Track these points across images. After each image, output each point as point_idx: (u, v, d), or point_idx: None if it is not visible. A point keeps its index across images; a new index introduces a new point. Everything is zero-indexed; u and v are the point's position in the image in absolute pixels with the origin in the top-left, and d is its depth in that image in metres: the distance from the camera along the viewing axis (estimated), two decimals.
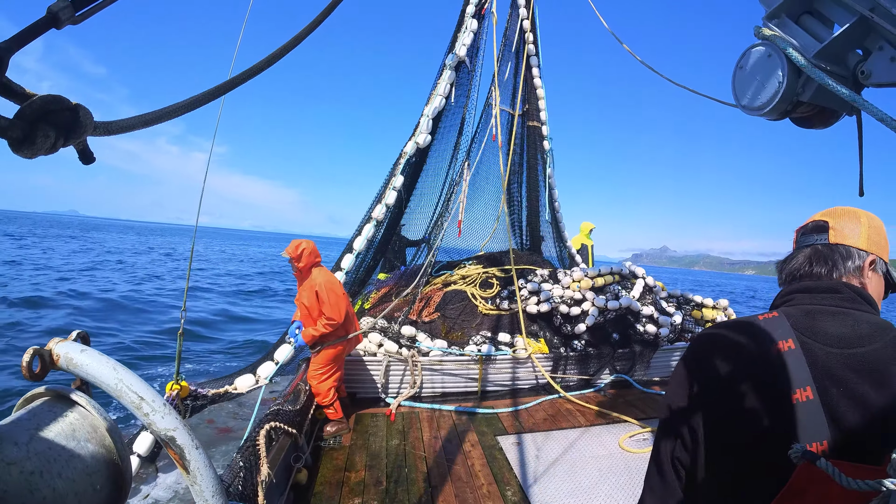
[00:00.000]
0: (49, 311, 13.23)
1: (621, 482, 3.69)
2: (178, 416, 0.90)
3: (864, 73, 1.37)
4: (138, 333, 11.68)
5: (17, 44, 0.63)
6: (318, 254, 4.28)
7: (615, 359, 5.97)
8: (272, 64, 1.14)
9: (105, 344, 10.28)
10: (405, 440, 4.31)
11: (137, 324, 12.76)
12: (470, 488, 3.55)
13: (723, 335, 1.11)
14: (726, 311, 6.97)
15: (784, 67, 1.52)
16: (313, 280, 4.15)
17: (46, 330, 10.98)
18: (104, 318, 13.07)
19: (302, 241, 4.18)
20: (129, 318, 13.42)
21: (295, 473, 3.47)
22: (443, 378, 5.43)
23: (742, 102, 1.75)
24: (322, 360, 4.25)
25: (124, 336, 11.29)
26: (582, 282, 6.58)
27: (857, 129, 1.53)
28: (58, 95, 0.65)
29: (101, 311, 13.99)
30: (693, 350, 1.15)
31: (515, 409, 5.07)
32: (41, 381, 0.76)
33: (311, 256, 4.17)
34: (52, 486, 0.59)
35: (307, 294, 4.17)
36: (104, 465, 0.70)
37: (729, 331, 1.11)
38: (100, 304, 14.72)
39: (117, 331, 11.76)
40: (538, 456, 4.08)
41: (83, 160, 0.74)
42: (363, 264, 6.78)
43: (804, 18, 1.54)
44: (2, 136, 0.59)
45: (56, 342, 0.80)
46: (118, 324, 12.53)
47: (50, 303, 14.18)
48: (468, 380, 5.49)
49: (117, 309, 14.39)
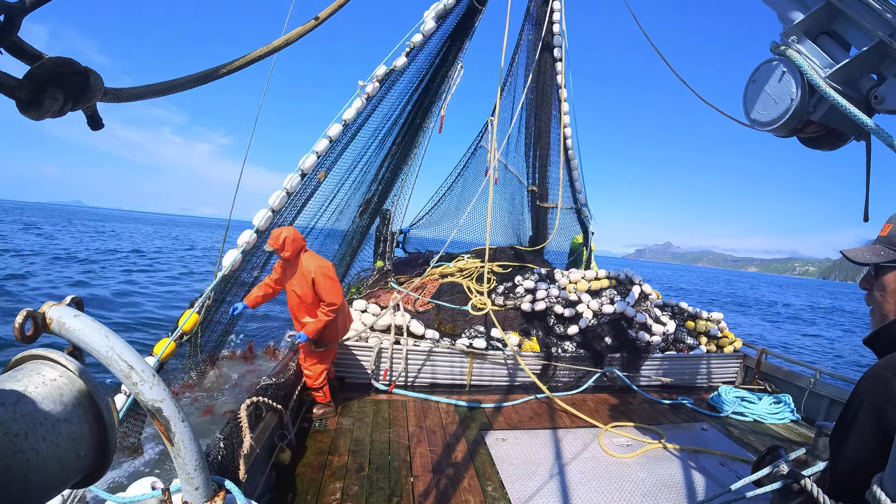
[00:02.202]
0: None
1: (602, 486, 3.71)
2: (167, 387, 0.91)
3: (878, 98, 1.36)
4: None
5: (31, 5, 0.62)
6: (302, 238, 4.19)
7: (605, 362, 5.99)
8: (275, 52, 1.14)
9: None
10: (390, 428, 4.33)
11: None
12: (451, 481, 3.57)
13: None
14: (720, 325, 6.99)
15: (798, 85, 1.52)
16: (305, 268, 4.10)
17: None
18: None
19: (282, 229, 4.11)
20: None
21: (278, 452, 3.49)
22: (432, 369, 5.45)
23: (752, 116, 1.74)
24: (324, 343, 4.30)
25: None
26: (578, 283, 6.58)
27: (865, 154, 1.53)
28: (68, 58, 0.64)
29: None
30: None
31: (502, 405, 5.09)
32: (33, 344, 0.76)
33: (295, 244, 4.08)
34: (35, 449, 0.59)
35: (299, 282, 4.12)
36: (89, 432, 0.70)
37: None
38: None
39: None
40: (521, 453, 4.10)
41: (91, 126, 0.73)
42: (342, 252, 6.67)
43: (822, 38, 1.54)
44: (9, 95, 0.59)
45: (50, 305, 0.80)
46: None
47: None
48: (457, 372, 5.51)
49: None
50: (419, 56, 6.11)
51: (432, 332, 5.58)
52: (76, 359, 0.76)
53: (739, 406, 5.54)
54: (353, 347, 5.15)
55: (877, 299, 1.29)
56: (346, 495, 3.28)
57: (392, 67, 5.60)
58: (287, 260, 4.14)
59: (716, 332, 6.85)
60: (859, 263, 1.31)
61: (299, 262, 4.12)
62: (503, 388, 5.55)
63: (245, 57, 1.02)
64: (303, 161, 5.07)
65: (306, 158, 5.08)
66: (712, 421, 5.31)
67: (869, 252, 1.31)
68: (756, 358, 6.64)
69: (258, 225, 4.59)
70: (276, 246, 3.99)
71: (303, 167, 5.03)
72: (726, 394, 5.77)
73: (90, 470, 0.71)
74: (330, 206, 6.30)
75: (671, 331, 6.47)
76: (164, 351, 3.75)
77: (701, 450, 4.46)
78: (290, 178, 4.98)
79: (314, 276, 4.05)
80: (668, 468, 4.08)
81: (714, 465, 4.22)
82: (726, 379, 6.74)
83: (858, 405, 1.11)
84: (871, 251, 1.31)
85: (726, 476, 4.04)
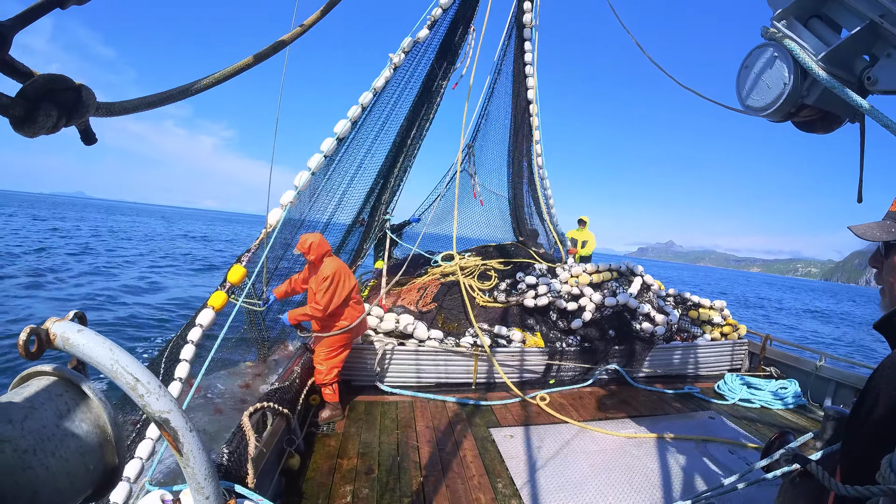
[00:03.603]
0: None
1: (612, 477, 3.71)
2: (173, 398, 0.91)
3: (871, 79, 1.36)
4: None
5: (21, 22, 0.62)
6: (326, 244, 4.54)
7: (610, 355, 5.99)
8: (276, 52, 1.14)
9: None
10: (398, 429, 4.33)
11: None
12: (461, 479, 3.58)
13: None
14: (723, 313, 6.99)
15: (790, 69, 1.52)
16: (322, 270, 4.39)
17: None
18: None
19: (309, 235, 4.48)
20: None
21: (287, 458, 3.49)
22: (437, 368, 5.45)
23: (746, 102, 1.74)
24: (333, 341, 4.43)
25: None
26: (580, 277, 6.59)
27: (859, 136, 1.53)
28: (61, 75, 0.64)
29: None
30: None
31: (509, 402, 5.10)
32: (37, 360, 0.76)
33: (320, 248, 4.43)
34: (45, 465, 0.60)
35: (316, 282, 4.43)
36: (98, 446, 0.71)
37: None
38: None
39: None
40: (530, 449, 4.10)
41: (85, 141, 0.74)
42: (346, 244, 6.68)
43: (812, 22, 1.54)
44: (3, 114, 0.59)
45: (53, 321, 0.80)
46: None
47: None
48: (463, 371, 5.51)
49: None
50: (439, 30, 6.38)
51: (436, 332, 5.59)
52: (80, 372, 0.76)
53: (746, 393, 5.55)
54: (358, 350, 5.15)
55: (887, 280, 1.21)
56: (356, 498, 3.29)
57: (416, 39, 5.94)
58: (312, 263, 4.51)
59: (719, 321, 6.85)
60: (868, 240, 1.22)
61: (321, 264, 4.43)
62: (509, 385, 5.56)
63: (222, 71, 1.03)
64: (339, 128, 5.39)
65: (343, 125, 5.39)
66: (719, 409, 5.32)
67: (878, 229, 1.22)
68: (760, 344, 6.64)
69: (300, 186, 4.93)
70: (303, 250, 4.41)
71: (339, 134, 5.36)
72: (732, 381, 5.77)
73: (100, 483, 0.72)
74: (355, 179, 6.43)
75: (674, 320, 6.47)
76: (218, 301, 3.97)
77: (709, 438, 4.46)
78: (328, 142, 5.26)
79: (322, 276, 4.34)
80: (678, 458, 4.08)
81: (723, 453, 4.22)
82: (732, 366, 6.75)
83: (875, 398, 1.05)
84: (881, 228, 1.22)
85: (736, 463, 4.04)
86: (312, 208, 5.71)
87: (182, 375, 3.43)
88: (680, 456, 4.11)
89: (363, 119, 5.76)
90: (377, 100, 5.84)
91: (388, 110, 6.32)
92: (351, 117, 5.44)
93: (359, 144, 6.01)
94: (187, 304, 13.21)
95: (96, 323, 10.40)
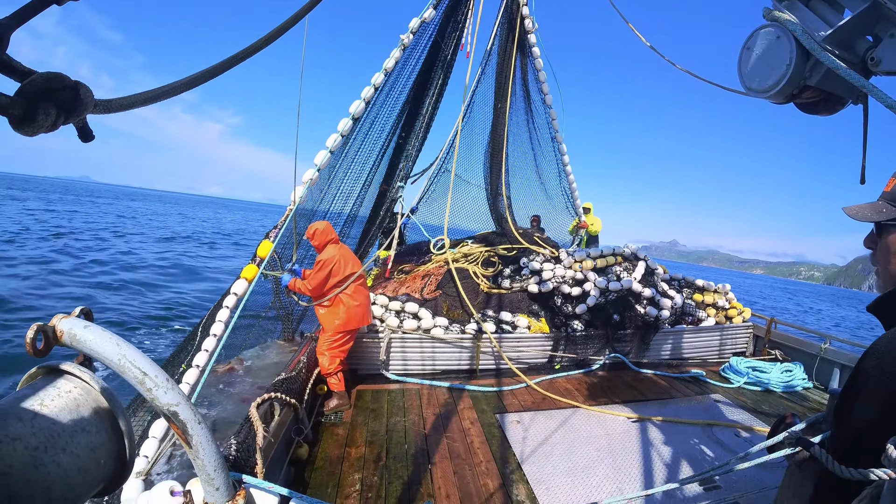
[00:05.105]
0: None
1: (618, 461, 3.74)
2: (181, 391, 0.92)
3: (874, 60, 1.35)
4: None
5: (18, 20, 0.62)
6: (332, 231, 4.69)
7: (615, 340, 6.00)
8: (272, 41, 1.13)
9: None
10: (405, 416, 4.36)
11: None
12: (468, 465, 3.61)
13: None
14: (727, 296, 6.98)
15: (793, 50, 1.50)
16: (320, 255, 4.54)
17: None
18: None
19: (317, 223, 4.66)
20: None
21: (295, 447, 3.53)
22: (443, 355, 5.47)
23: (748, 84, 1.72)
24: (335, 329, 4.48)
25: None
26: (584, 262, 6.58)
27: (862, 118, 1.51)
28: (58, 73, 0.64)
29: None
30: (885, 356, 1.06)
31: (515, 387, 5.12)
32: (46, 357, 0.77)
33: (324, 235, 4.59)
34: (56, 462, 0.61)
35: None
36: (108, 441, 0.71)
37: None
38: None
39: None
40: (536, 434, 4.13)
41: (82, 138, 0.74)
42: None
43: (814, 2, 1.52)
44: (2, 113, 0.59)
45: (60, 318, 0.80)
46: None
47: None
48: (468, 358, 5.53)
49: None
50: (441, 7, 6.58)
51: (441, 319, 5.60)
52: (87, 367, 0.77)
53: (751, 376, 5.56)
54: (362, 338, 5.18)
55: (881, 261, 1.21)
56: (365, 486, 3.32)
57: (423, 19, 6.19)
58: (317, 248, 4.66)
59: (724, 304, 6.85)
60: (859, 220, 1.22)
61: (323, 250, 4.58)
62: (515, 371, 5.58)
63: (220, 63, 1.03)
64: (353, 107, 5.57)
65: (357, 105, 5.57)
66: (725, 392, 5.33)
67: (871, 210, 1.22)
68: (765, 327, 6.64)
69: (319, 164, 5.16)
70: (308, 236, 4.62)
71: (354, 114, 5.55)
72: (738, 364, 5.78)
73: (111, 478, 0.73)
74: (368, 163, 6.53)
75: (679, 304, 6.46)
76: (250, 274, 4.18)
77: (715, 422, 4.48)
78: (344, 123, 5.47)
79: (317, 259, 4.51)
80: (684, 441, 4.10)
81: (729, 436, 4.24)
82: (737, 349, 6.75)
83: (864, 382, 1.06)
84: (873, 208, 1.21)
85: (741, 446, 4.06)
86: (331, 186, 5.90)
87: (209, 347, 3.52)
88: (686, 439, 4.13)
89: (375, 98, 5.93)
90: (389, 78, 6.04)
91: (400, 87, 6.50)
92: (364, 97, 5.63)
93: (371, 123, 6.19)
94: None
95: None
